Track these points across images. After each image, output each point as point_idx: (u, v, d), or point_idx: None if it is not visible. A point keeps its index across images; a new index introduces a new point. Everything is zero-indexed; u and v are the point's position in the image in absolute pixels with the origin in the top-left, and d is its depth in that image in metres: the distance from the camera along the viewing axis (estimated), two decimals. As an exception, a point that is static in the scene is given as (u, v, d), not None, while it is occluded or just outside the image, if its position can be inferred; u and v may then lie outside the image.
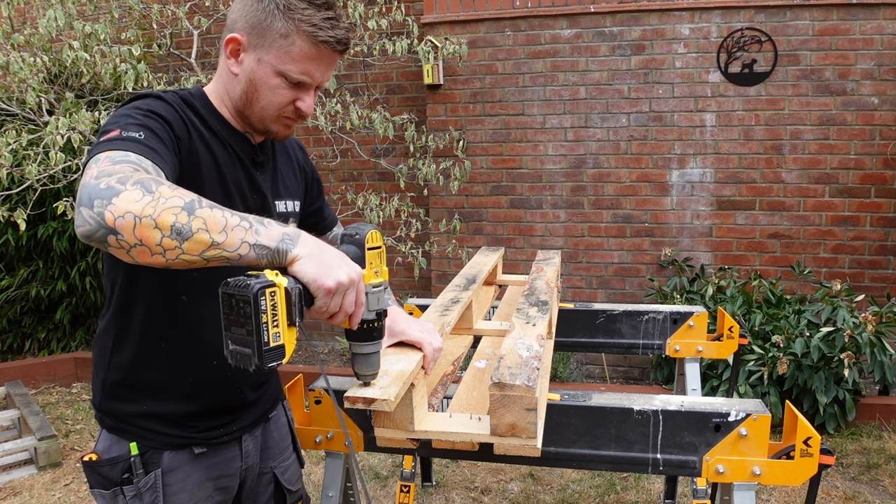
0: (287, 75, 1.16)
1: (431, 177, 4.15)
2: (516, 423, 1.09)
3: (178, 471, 1.24)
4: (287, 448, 1.47)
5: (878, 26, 3.82)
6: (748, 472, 1.32)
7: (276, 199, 1.32)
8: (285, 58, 1.14)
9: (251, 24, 1.15)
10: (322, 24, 1.13)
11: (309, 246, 0.95)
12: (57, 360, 4.62)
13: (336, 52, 1.18)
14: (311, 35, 1.13)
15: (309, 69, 1.16)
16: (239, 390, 1.30)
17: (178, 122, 1.13)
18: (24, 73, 3.38)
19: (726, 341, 2.24)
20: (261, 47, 1.15)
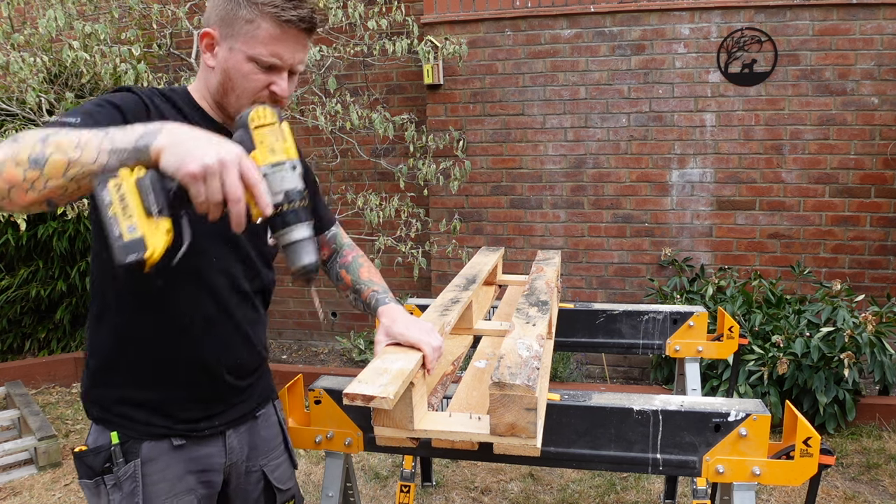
0: (257, 59, 1.18)
1: (431, 177, 4.15)
2: (516, 422, 1.09)
3: (158, 461, 1.25)
4: (277, 447, 1.46)
5: (878, 26, 3.82)
6: (748, 472, 1.32)
7: None
8: (253, 42, 1.17)
9: (220, 16, 1.19)
10: (284, 5, 1.16)
11: (172, 135, 0.91)
12: (57, 360, 4.62)
13: (302, 32, 1.20)
14: (274, 16, 1.16)
15: (277, 51, 1.19)
16: (217, 382, 1.29)
17: (136, 110, 1.14)
18: (24, 73, 3.38)
19: (726, 341, 2.24)
20: (231, 37, 1.18)
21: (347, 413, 1.50)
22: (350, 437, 1.51)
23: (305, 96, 4.35)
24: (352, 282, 1.49)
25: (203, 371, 1.27)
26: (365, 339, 4.68)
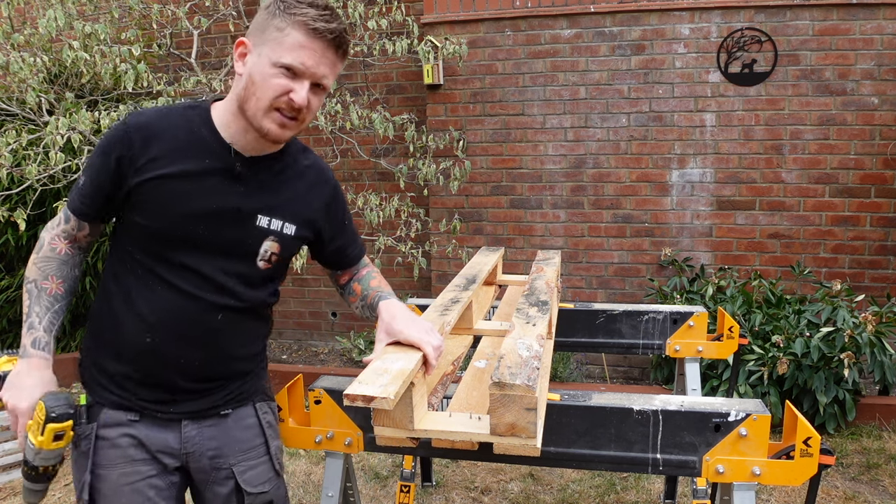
0: (281, 62, 1.24)
1: (431, 177, 4.15)
2: (516, 422, 1.09)
3: (112, 429, 1.36)
4: (254, 449, 1.45)
5: (878, 26, 3.82)
6: (748, 472, 1.32)
7: (261, 214, 1.37)
8: (280, 48, 1.24)
9: (256, 26, 1.28)
10: (316, 17, 1.24)
11: (19, 366, 1.34)
12: (57, 360, 4.54)
13: (330, 45, 1.26)
14: (304, 24, 1.23)
15: (301, 57, 1.24)
16: (170, 373, 1.36)
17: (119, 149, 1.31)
18: (24, 73, 3.38)
19: (726, 341, 2.24)
20: (261, 44, 1.26)
21: (347, 413, 1.51)
22: (350, 437, 1.51)
23: (305, 96, 4.34)
24: (361, 290, 1.54)
25: (158, 366, 1.35)
26: (365, 339, 4.68)
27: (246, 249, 1.37)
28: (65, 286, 1.40)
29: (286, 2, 1.25)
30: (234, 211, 1.34)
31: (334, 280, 1.60)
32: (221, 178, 1.33)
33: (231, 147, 1.33)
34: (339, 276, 1.59)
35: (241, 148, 1.34)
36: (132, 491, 1.35)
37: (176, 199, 1.30)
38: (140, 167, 1.29)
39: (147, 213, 1.30)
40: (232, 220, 1.34)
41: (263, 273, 1.40)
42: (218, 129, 1.33)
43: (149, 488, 1.36)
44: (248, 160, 1.35)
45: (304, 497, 3.07)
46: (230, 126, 1.33)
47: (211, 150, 1.32)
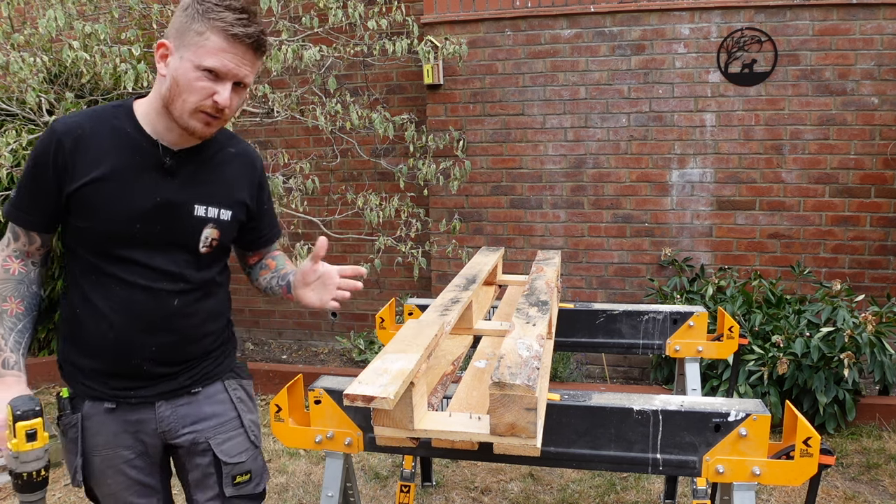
0: (203, 66, 1.29)
1: (431, 177, 4.15)
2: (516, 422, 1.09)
3: (95, 418, 1.47)
4: (228, 423, 1.56)
5: (878, 26, 3.82)
6: (748, 472, 1.32)
7: (197, 204, 1.44)
8: (201, 51, 1.29)
9: (176, 29, 1.32)
10: (234, 22, 1.29)
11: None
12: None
13: (250, 48, 1.32)
14: (223, 30, 1.28)
15: (223, 60, 1.30)
16: (136, 361, 1.44)
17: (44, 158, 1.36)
18: (24, 73, 3.38)
19: (726, 341, 2.24)
20: (182, 47, 1.30)
21: (347, 413, 1.51)
22: (350, 437, 1.51)
23: (305, 96, 4.35)
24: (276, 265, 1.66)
25: (123, 359, 1.44)
26: (365, 339, 4.68)
27: (188, 239, 1.45)
28: (24, 304, 1.44)
29: (204, 5, 1.29)
30: (170, 205, 1.41)
31: (244, 261, 1.70)
32: (153, 173, 1.39)
33: (158, 143, 1.39)
34: (249, 256, 1.68)
35: (168, 143, 1.40)
36: (115, 472, 1.49)
37: (113, 200, 1.37)
38: (74, 173, 1.35)
39: (87, 217, 1.37)
40: (170, 213, 1.41)
41: (207, 256, 1.49)
42: (143, 126, 1.39)
43: (129, 468, 1.49)
44: (177, 154, 1.41)
45: (304, 497, 3.07)
46: (156, 123, 1.39)
47: (139, 147, 1.38)
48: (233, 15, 1.29)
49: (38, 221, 1.41)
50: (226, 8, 1.29)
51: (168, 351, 1.47)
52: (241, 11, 1.30)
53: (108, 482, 1.50)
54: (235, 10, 1.30)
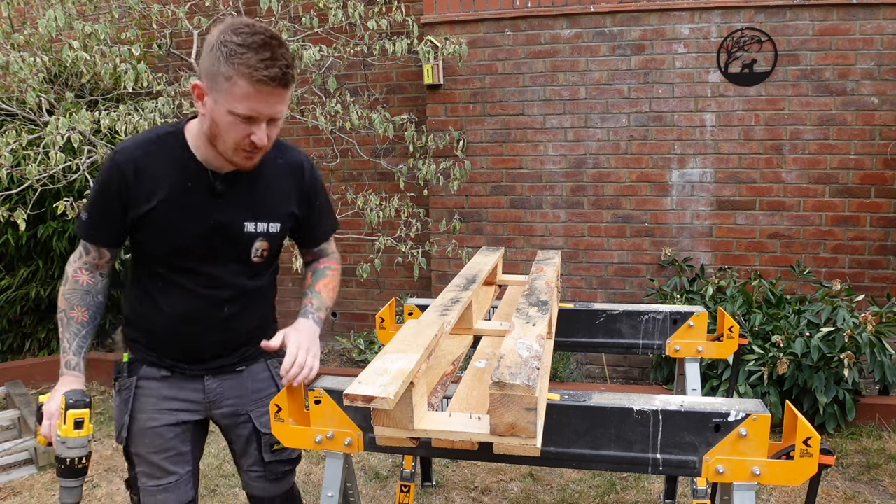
0: (235, 112, 1.35)
1: (431, 177, 4.15)
2: (516, 422, 1.09)
3: (150, 381, 1.64)
4: (267, 398, 1.74)
5: (878, 26, 3.82)
6: (748, 472, 1.32)
7: (246, 221, 1.58)
8: (231, 98, 1.34)
9: (206, 70, 1.36)
10: (257, 66, 1.30)
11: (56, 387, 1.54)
12: (57, 360, 4.56)
13: (277, 87, 1.35)
14: (249, 76, 1.31)
15: (253, 106, 1.35)
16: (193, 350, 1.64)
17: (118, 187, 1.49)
18: (24, 73, 3.38)
19: (726, 341, 2.23)
20: (215, 90, 1.36)
21: (347, 413, 1.50)
22: (350, 437, 1.51)
23: (305, 96, 4.35)
24: (308, 285, 1.76)
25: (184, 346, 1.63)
26: (365, 339, 4.68)
27: (240, 253, 1.60)
28: (89, 313, 1.60)
29: (227, 46, 1.31)
30: (223, 225, 1.54)
31: (301, 255, 1.83)
32: (206, 196, 1.52)
33: (208, 169, 1.51)
34: (304, 253, 1.81)
35: (216, 167, 1.51)
36: (154, 434, 1.64)
37: (171, 224, 1.51)
38: (136, 201, 1.49)
39: (149, 239, 1.54)
40: (223, 232, 1.55)
41: (260, 265, 1.65)
42: (194, 151, 1.50)
43: (168, 430, 1.64)
44: (225, 176, 1.53)
45: (304, 497, 3.07)
46: (205, 151, 1.49)
47: (192, 173, 1.50)
48: (256, 57, 1.30)
49: (106, 238, 1.57)
50: (248, 48, 1.30)
51: (219, 345, 1.66)
52: (264, 49, 1.31)
53: (146, 442, 1.63)
54: (258, 49, 1.31)
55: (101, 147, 3.42)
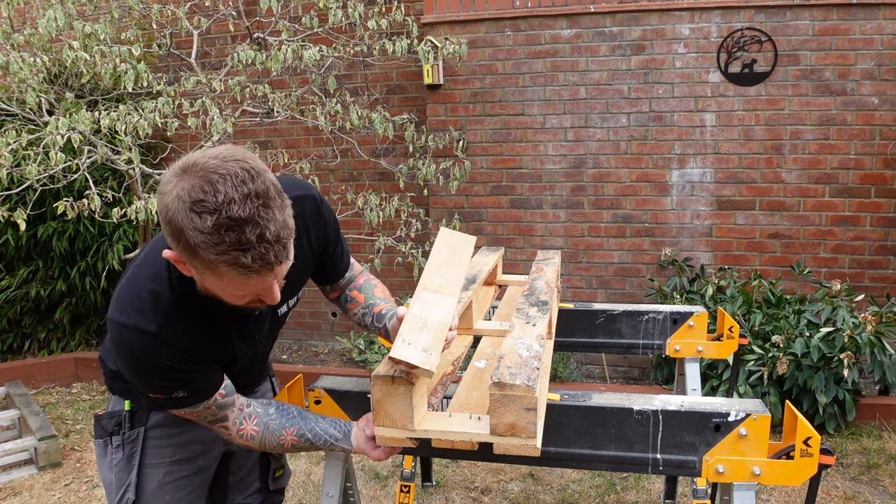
0: (231, 293, 1.10)
1: (431, 177, 4.15)
2: (516, 422, 1.09)
3: (164, 428, 1.43)
4: None
5: (878, 26, 3.82)
6: (748, 472, 1.32)
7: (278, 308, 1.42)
8: (222, 283, 1.07)
9: (181, 247, 1.03)
10: (240, 259, 1.00)
11: None
12: (57, 360, 4.62)
13: (273, 269, 1.05)
14: (231, 265, 1.01)
15: (250, 287, 1.08)
16: None
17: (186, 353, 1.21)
18: (24, 73, 3.38)
19: (726, 341, 2.24)
20: (199, 268, 1.05)
21: (347, 413, 1.51)
22: (350, 437, 1.50)
23: (305, 96, 4.34)
24: (364, 299, 1.55)
25: None
26: (365, 340, 4.68)
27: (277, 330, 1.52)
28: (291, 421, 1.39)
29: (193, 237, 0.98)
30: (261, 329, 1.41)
31: (327, 294, 1.61)
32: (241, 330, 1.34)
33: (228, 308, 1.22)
34: (328, 291, 1.60)
35: None
36: (175, 487, 1.46)
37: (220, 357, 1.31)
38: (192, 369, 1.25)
39: None
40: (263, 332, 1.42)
41: None
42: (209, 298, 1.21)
43: (188, 484, 1.48)
44: None
45: (304, 497, 3.07)
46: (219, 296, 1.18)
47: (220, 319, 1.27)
48: (242, 256, 1.00)
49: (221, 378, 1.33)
50: (217, 232, 0.97)
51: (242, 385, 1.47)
52: (235, 230, 0.98)
53: (167, 499, 1.45)
54: (231, 227, 0.97)
55: (101, 147, 3.42)
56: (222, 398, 1.29)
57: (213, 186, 0.97)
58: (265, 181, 1.01)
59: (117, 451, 1.43)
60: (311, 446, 1.37)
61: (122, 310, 1.19)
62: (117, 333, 1.18)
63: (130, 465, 1.42)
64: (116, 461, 1.43)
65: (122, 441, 1.42)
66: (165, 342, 1.17)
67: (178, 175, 0.99)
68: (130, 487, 1.41)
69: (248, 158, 1.03)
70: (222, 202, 0.96)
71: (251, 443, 1.35)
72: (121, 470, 1.43)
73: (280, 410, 1.39)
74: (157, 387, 1.21)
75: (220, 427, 1.33)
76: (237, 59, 3.55)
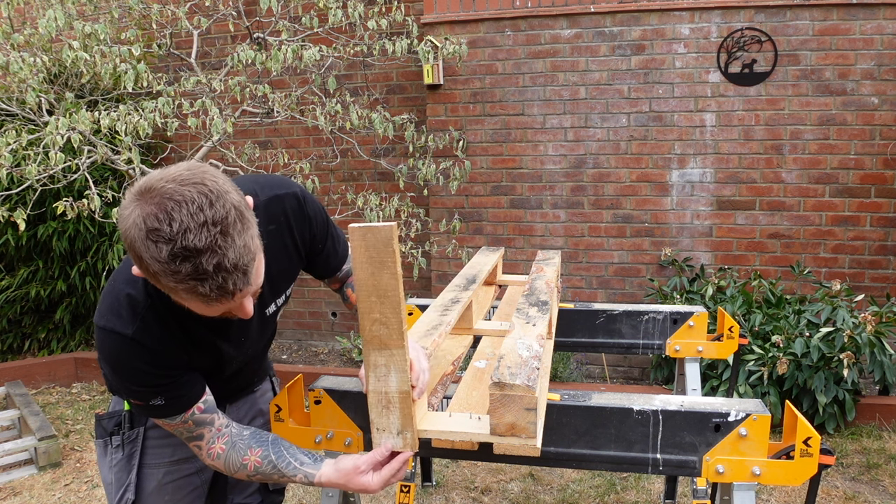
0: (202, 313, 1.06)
1: (431, 177, 4.15)
2: (516, 422, 1.09)
3: (158, 429, 1.41)
4: None
5: (878, 26, 3.82)
6: (748, 472, 1.32)
7: (264, 309, 1.39)
8: (189, 306, 1.04)
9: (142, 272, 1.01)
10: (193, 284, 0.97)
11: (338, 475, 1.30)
12: (57, 360, 4.62)
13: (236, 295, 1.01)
14: (190, 293, 0.99)
15: (215, 310, 1.05)
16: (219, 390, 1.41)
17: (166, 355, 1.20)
18: (24, 73, 3.38)
19: (726, 341, 2.23)
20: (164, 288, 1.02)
21: (347, 413, 1.50)
22: (350, 437, 1.50)
23: (305, 96, 4.34)
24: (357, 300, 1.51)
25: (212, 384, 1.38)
26: (365, 339, 4.67)
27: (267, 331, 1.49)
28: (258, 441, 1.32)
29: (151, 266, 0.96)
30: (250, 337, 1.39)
31: (328, 285, 1.65)
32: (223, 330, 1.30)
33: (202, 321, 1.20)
34: (328, 283, 1.62)
35: None
36: (175, 488, 1.45)
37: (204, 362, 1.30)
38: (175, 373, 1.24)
39: None
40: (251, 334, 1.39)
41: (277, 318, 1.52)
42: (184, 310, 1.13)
43: (188, 485, 1.48)
44: None
45: (304, 497, 3.07)
46: None
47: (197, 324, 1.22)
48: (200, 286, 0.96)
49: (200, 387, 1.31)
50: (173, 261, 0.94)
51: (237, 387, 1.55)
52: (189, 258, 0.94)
53: (167, 498, 1.45)
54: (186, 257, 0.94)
55: (101, 147, 3.42)
56: (200, 412, 1.26)
57: (168, 215, 0.93)
58: (224, 205, 0.97)
59: (117, 451, 1.42)
60: (274, 471, 1.28)
61: (101, 313, 1.19)
62: (98, 336, 1.19)
63: (130, 465, 1.42)
64: (116, 461, 1.43)
65: (122, 441, 1.42)
66: (142, 346, 1.16)
67: (136, 199, 0.96)
68: (130, 487, 1.41)
69: (207, 180, 0.97)
70: (177, 231, 0.93)
71: (217, 462, 1.29)
72: (120, 470, 1.43)
73: (255, 434, 1.33)
74: (135, 392, 1.20)
75: (194, 446, 1.29)
76: (237, 59, 3.55)
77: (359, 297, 1.12)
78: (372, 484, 1.22)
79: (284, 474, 1.28)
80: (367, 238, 1.06)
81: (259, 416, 1.65)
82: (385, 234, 1.05)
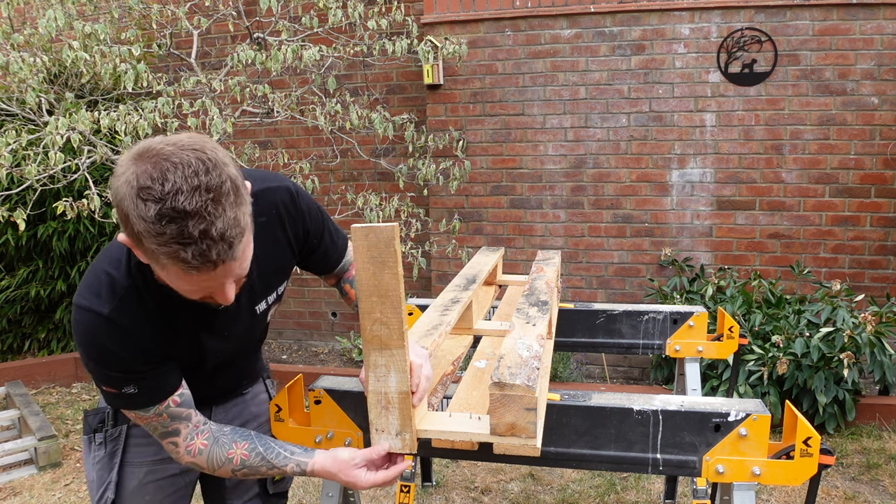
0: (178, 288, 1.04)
1: (431, 177, 4.15)
2: (516, 422, 1.09)
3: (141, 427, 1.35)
4: (267, 422, 1.59)
5: (878, 26, 3.82)
6: (748, 472, 1.32)
7: (257, 306, 1.36)
8: (168, 276, 1.02)
9: (127, 232, 0.99)
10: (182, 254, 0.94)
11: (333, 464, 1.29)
12: (57, 360, 4.62)
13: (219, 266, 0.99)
14: (171, 258, 0.96)
15: (196, 283, 1.02)
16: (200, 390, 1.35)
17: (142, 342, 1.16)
18: (23, 73, 3.38)
19: (726, 341, 2.23)
20: (147, 257, 1.00)
21: (347, 413, 1.50)
22: (350, 437, 1.50)
23: (305, 96, 4.34)
24: (356, 295, 1.45)
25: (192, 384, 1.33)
26: (365, 339, 4.68)
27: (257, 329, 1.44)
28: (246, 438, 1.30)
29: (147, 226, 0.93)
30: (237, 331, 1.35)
31: (324, 281, 1.62)
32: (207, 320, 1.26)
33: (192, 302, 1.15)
34: (325, 278, 1.60)
35: None
36: (156, 488, 1.43)
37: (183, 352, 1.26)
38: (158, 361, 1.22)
39: None
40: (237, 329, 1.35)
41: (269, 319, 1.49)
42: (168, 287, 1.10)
43: (170, 485, 1.45)
44: None
45: (304, 497, 3.07)
46: None
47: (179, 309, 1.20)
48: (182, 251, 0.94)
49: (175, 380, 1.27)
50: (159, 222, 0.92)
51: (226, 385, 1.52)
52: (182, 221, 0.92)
53: (147, 499, 1.42)
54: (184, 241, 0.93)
55: (101, 147, 3.42)
56: (176, 406, 1.22)
57: (162, 174, 0.92)
58: (221, 175, 0.95)
59: (100, 448, 1.40)
60: (263, 462, 1.24)
61: (80, 292, 1.16)
62: (74, 315, 1.16)
63: (112, 462, 1.39)
64: (98, 458, 1.40)
65: (105, 438, 1.40)
66: (117, 326, 1.13)
67: (133, 159, 0.95)
68: (111, 486, 1.38)
69: (207, 149, 0.96)
70: (168, 191, 0.91)
71: (198, 459, 1.25)
72: (102, 468, 1.40)
73: (236, 430, 1.30)
74: (108, 377, 1.16)
75: (169, 443, 1.24)
76: (237, 59, 3.55)
77: (360, 297, 1.13)
78: (362, 480, 1.21)
79: (275, 465, 1.25)
80: (369, 238, 1.06)
81: (251, 420, 1.59)
82: (387, 234, 1.06)
